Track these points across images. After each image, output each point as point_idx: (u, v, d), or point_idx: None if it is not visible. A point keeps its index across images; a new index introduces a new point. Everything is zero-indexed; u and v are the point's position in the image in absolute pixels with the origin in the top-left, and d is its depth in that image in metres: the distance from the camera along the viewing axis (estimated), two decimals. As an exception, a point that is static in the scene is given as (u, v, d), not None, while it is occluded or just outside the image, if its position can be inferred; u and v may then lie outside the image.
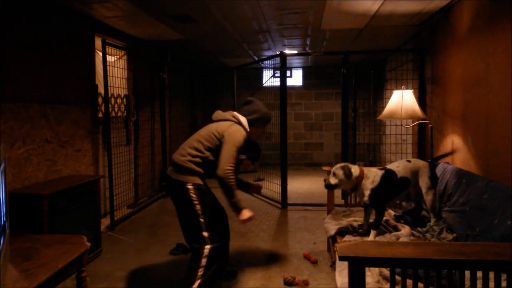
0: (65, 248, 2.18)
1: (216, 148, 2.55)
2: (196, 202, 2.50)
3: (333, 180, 2.63)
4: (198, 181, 2.54)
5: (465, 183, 2.64)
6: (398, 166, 2.75)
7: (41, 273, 1.83)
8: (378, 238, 2.51)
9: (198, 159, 2.54)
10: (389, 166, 2.79)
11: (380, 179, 2.61)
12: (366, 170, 2.69)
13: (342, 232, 2.76)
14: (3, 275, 1.67)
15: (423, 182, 2.74)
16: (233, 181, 2.44)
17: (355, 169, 2.62)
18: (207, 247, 2.47)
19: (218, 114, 2.79)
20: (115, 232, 4.13)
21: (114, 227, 4.21)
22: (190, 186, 2.50)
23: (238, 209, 2.50)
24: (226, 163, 2.43)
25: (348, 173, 2.57)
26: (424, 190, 2.73)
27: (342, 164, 2.64)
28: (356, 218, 2.97)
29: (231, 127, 2.59)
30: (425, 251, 1.51)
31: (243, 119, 2.70)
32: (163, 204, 5.39)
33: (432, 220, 2.69)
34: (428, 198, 2.72)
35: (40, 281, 1.77)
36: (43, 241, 2.29)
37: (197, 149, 2.57)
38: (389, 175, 2.68)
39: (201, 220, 2.50)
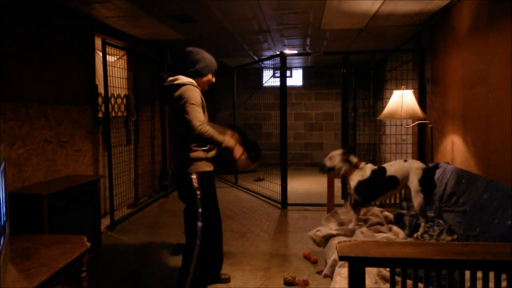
0: (65, 248, 2.18)
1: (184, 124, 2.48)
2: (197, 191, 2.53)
3: (328, 163, 2.75)
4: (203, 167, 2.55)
5: (465, 183, 2.63)
6: (392, 165, 2.76)
7: (41, 273, 1.83)
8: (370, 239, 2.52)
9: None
10: (384, 164, 2.82)
11: (370, 174, 2.69)
12: (363, 164, 2.76)
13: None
14: (3, 275, 1.67)
15: (412, 183, 2.65)
16: (210, 131, 2.39)
17: (353, 157, 2.75)
18: (197, 242, 2.51)
19: None
20: (115, 232, 4.13)
21: (114, 227, 4.21)
22: (193, 176, 2.54)
23: (231, 149, 2.47)
24: (195, 121, 2.36)
25: (345, 157, 2.71)
26: (412, 193, 2.64)
27: (342, 151, 2.76)
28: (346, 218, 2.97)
29: (177, 95, 2.49)
30: (425, 251, 1.51)
31: (182, 79, 2.55)
32: (163, 204, 5.40)
33: (422, 225, 2.58)
34: (416, 201, 2.61)
35: (40, 281, 1.77)
36: (43, 241, 2.28)
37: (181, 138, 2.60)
38: (378, 171, 2.73)
39: (198, 215, 2.53)
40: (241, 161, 2.53)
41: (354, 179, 2.71)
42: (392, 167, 2.73)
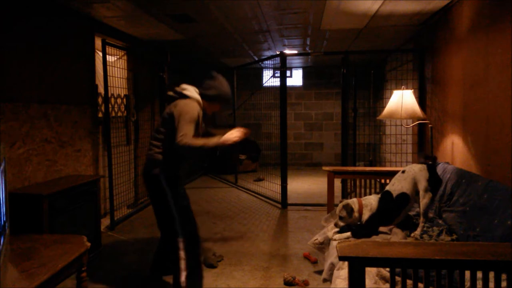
0: (65, 248, 2.18)
1: (169, 129, 2.49)
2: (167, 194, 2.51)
3: (342, 223, 2.64)
4: (168, 171, 2.54)
5: (465, 183, 2.64)
6: (393, 184, 2.68)
7: (41, 273, 1.83)
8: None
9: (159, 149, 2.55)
10: (387, 187, 2.73)
11: (378, 205, 2.60)
12: (363, 199, 2.68)
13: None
14: (3, 275, 1.67)
15: (421, 185, 2.62)
16: (189, 141, 2.33)
17: (353, 203, 2.62)
18: (181, 239, 2.49)
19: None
20: (115, 232, 4.12)
21: (114, 227, 4.21)
22: (161, 177, 2.51)
23: (219, 144, 2.45)
24: (180, 132, 2.34)
25: (350, 211, 2.59)
26: (421, 193, 2.61)
27: (344, 203, 2.62)
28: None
29: (178, 103, 2.52)
30: (425, 251, 1.51)
31: (191, 92, 2.60)
32: (163, 204, 5.38)
33: (421, 225, 2.56)
34: (423, 201, 2.58)
35: (40, 281, 1.77)
36: (43, 241, 2.29)
37: (156, 139, 2.59)
38: (384, 198, 2.64)
39: (174, 213, 2.52)
40: (235, 139, 2.50)
41: (365, 215, 2.60)
42: (396, 186, 2.66)
